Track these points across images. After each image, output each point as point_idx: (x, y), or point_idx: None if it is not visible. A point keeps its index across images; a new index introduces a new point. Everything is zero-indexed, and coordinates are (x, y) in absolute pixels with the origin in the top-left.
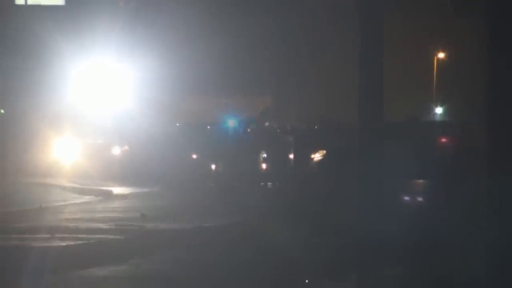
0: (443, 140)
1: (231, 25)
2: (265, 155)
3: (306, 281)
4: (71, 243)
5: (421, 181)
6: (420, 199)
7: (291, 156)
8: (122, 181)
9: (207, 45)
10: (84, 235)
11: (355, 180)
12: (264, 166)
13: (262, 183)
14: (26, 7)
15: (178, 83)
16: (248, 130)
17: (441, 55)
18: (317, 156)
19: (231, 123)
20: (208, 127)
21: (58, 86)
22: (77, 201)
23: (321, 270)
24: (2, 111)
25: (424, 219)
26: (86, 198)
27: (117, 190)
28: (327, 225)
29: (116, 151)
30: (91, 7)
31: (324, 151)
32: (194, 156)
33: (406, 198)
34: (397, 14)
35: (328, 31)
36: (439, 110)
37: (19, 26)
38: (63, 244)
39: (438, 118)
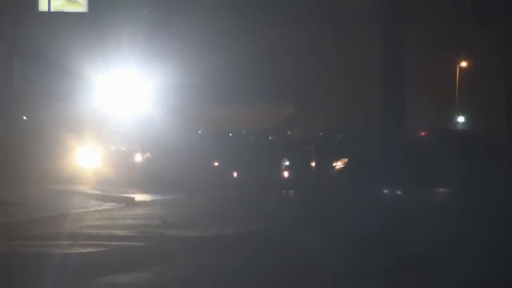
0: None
1: (254, 33)
2: (287, 163)
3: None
4: (93, 250)
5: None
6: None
7: (313, 164)
8: (144, 188)
9: (230, 53)
10: (106, 242)
11: (376, 188)
12: (286, 174)
13: (284, 191)
14: (49, 14)
15: (201, 91)
16: (270, 138)
17: (463, 64)
18: (339, 164)
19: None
20: (230, 134)
21: (81, 93)
22: (99, 208)
23: (344, 278)
24: (25, 117)
25: (448, 226)
26: (108, 205)
27: (139, 197)
28: (350, 233)
29: (139, 158)
30: (114, 14)
31: (346, 159)
32: (216, 164)
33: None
34: (419, 24)
35: (351, 39)
36: (461, 119)
37: (42, 33)
38: (85, 251)
39: (460, 127)
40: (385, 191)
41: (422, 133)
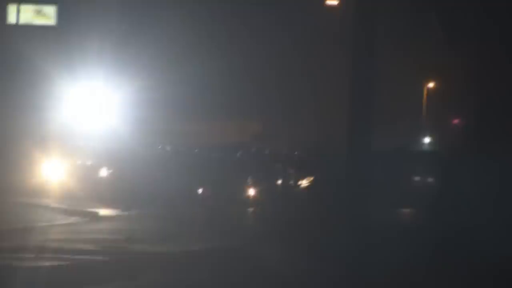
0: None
1: (221, 49)
2: (253, 180)
3: None
4: (55, 263)
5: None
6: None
7: (279, 181)
8: (109, 203)
9: (197, 69)
10: (69, 256)
11: (342, 206)
12: (251, 191)
13: (249, 208)
14: (18, 26)
15: (167, 106)
16: (238, 154)
17: (430, 85)
18: (304, 182)
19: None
20: (196, 150)
21: (47, 106)
22: (63, 222)
23: None
24: None
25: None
26: (72, 219)
27: (104, 211)
28: (315, 250)
29: (104, 172)
30: (82, 28)
31: (312, 178)
32: (182, 179)
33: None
34: (388, 45)
35: (320, 57)
36: (427, 140)
37: (9, 46)
38: (47, 264)
39: (425, 147)
40: (351, 208)
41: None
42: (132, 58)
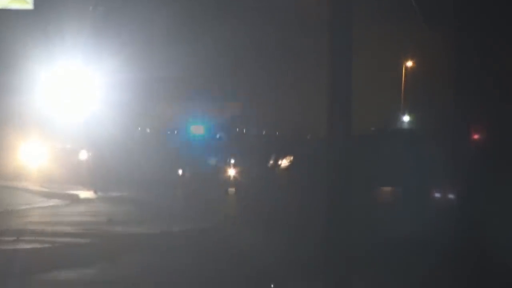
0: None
1: (200, 30)
2: (232, 161)
3: (272, 286)
4: (37, 246)
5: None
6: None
7: (259, 162)
8: (89, 186)
9: (175, 50)
10: (50, 239)
11: (321, 186)
12: (231, 172)
13: (230, 188)
14: None
15: (147, 88)
16: (217, 136)
17: (409, 63)
18: (284, 162)
19: (197, 129)
20: (176, 132)
21: (25, 90)
22: (44, 204)
23: (287, 274)
24: None
25: (392, 221)
26: (53, 202)
27: (84, 194)
28: (293, 230)
29: (84, 155)
30: (60, 11)
31: (292, 157)
32: (162, 161)
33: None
34: (365, 23)
35: (299, 38)
36: (406, 118)
37: None
38: (28, 247)
39: (405, 126)
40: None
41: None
42: (110, 40)
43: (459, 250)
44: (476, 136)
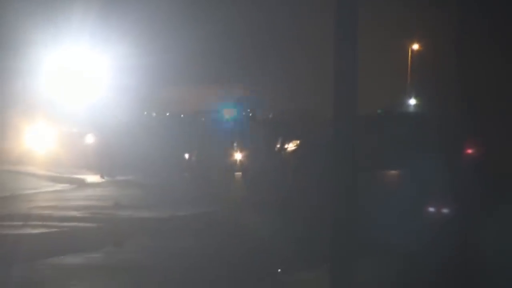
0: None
1: (208, 13)
2: (239, 145)
3: (279, 270)
4: (44, 230)
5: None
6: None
7: (266, 146)
8: (96, 170)
9: (183, 34)
10: (57, 223)
11: (328, 171)
12: (238, 156)
13: (236, 172)
14: None
15: (154, 72)
16: (224, 119)
17: (415, 46)
18: (290, 146)
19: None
20: (182, 116)
21: (32, 74)
22: (51, 189)
23: (291, 259)
24: None
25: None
26: (60, 186)
27: (91, 178)
28: (299, 215)
29: (91, 139)
30: None
31: (298, 141)
32: (168, 145)
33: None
34: (371, 6)
35: (303, 18)
36: (412, 101)
37: None
38: (36, 231)
39: (411, 109)
40: (336, 175)
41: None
42: (116, 23)
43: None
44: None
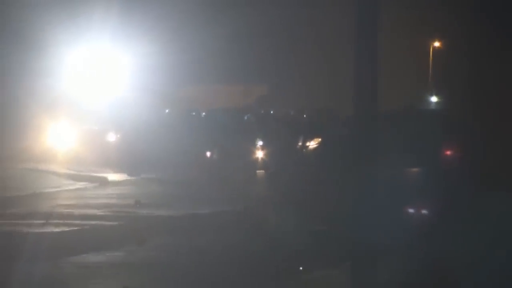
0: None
1: (228, 13)
2: (261, 143)
3: (300, 268)
4: (65, 229)
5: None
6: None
7: (287, 143)
8: (117, 168)
9: (204, 33)
10: (78, 221)
11: (349, 169)
12: (260, 154)
13: (257, 171)
14: None
15: (174, 71)
16: (246, 117)
17: (436, 44)
18: (312, 144)
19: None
20: (204, 114)
21: (53, 72)
22: (72, 187)
23: (313, 258)
24: None
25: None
26: (81, 185)
27: (112, 176)
28: (319, 213)
29: (111, 137)
30: None
31: (320, 139)
32: (190, 144)
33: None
34: (392, 4)
35: (326, 19)
36: (434, 99)
37: (13, 9)
38: (57, 230)
39: (433, 107)
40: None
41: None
42: (137, 23)
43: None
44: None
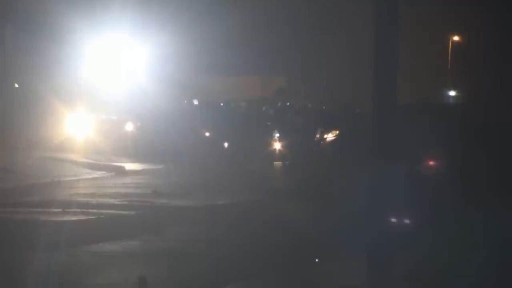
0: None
1: (247, 3)
2: (278, 135)
3: (316, 260)
4: (82, 217)
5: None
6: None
7: (305, 136)
8: (135, 157)
9: (223, 24)
10: (96, 210)
11: (366, 161)
12: (277, 145)
13: (275, 162)
14: None
15: (192, 61)
16: (263, 109)
17: (456, 38)
18: (330, 136)
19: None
20: (222, 104)
21: (72, 62)
22: (89, 176)
23: (328, 248)
24: (16, 85)
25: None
26: (98, 174)
27: (130, 166)
28: (337, 205)
29: (130, 127)
30: None
31: (337, 131)
32: (207, 134)
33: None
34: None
35: (343, 11)
36: (452, 93)
37: (32, 3)
38: (74, 218)
39: (451, 101)
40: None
41: None
42: (156, 13)
43: None
44: None
